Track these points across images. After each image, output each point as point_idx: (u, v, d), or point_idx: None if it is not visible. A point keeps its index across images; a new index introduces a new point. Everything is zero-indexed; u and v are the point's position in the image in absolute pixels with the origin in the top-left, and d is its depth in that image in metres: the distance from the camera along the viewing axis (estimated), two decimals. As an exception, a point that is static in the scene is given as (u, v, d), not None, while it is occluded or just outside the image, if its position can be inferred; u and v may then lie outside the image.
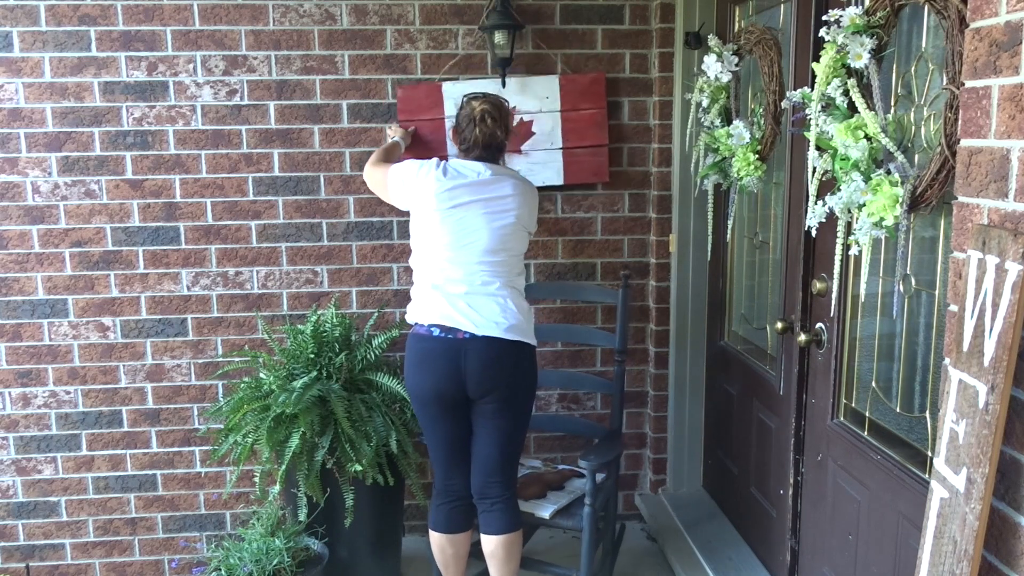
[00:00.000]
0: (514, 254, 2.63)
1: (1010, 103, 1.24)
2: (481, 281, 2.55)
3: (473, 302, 2.54)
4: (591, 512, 2.64)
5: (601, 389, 3.27)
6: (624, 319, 2.97)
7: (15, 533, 3.28)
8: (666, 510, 3.37)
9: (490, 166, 2.59)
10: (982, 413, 1.25)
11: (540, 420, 3.30)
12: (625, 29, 3.20)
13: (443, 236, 2.55)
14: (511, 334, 2.53)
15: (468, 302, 2.54)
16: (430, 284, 2.59)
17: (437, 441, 2.65)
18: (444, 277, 2.57)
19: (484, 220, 2.54)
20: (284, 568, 2.68)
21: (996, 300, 1.24)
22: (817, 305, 2.43)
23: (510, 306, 2.56)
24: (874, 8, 1.83)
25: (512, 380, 2.58)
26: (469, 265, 2.55)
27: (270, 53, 3.08)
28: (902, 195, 1.71)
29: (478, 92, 2.74)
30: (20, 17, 2.97)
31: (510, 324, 2.53)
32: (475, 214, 2.54)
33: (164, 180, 3.12)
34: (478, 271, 2.55)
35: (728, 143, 2.66)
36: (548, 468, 3.08)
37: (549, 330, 3.23)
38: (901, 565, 1.99)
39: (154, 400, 3.24)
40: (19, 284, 3.12)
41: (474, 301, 2.54)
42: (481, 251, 2.54)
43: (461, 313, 2.53)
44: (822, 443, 2.40)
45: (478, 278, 2.55)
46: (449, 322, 2.53)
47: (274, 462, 2.79)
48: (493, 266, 2.56)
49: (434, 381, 2.55)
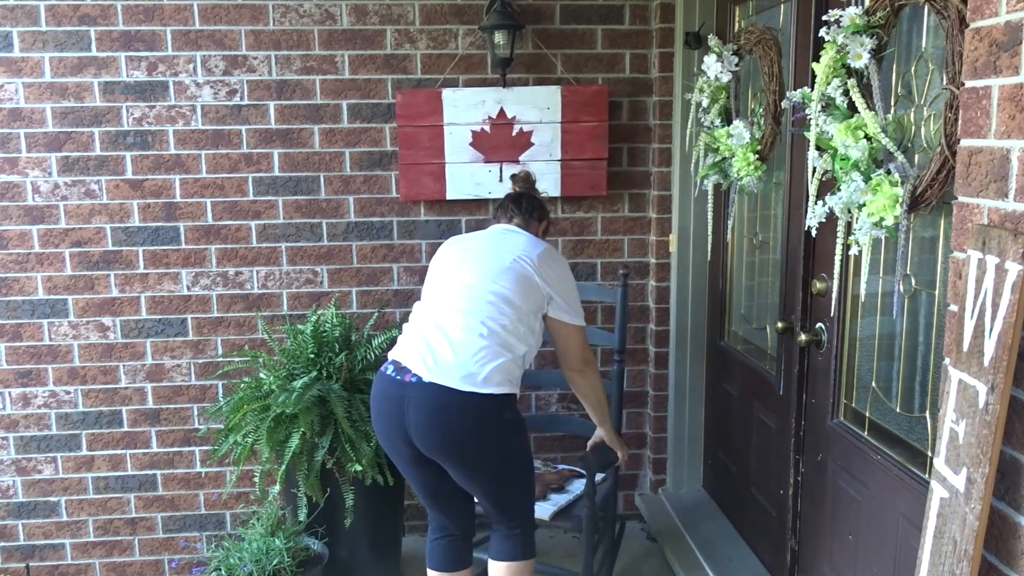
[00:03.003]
0: (523, 311, 2.24)
1: (1010, 103, 1.24)
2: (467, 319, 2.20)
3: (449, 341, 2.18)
4: (590, 513, 2.63)
5: None
6: (623, 318, 2.95)
7: (15, 533, 3.28)
8: (666, 510, 3.37)
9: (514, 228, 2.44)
10: (982, 413, 1.25)
11: (539, 420, 3.30)
12: (625, 29, 3.20)
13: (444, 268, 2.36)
14: (468, 384, 2.12)
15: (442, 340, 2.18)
16: (415, 321, 2.33)
17: (414, 485, 2.39)
18: (429, 314, 2.29)
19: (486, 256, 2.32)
20: (284, 568, 2.68)
21: (996, 300, 1.24)
22: (817, 305, 2.43)
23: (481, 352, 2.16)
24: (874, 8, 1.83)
25: (472, 442, 2.18)
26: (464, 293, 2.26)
27: (270, 53, 3.08)
28: (902, 195, 1.71)
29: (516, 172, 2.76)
30: (20, 17, 2.97)
31: (469, 372, 2.13)
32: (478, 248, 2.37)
33: (164, 180, 3.12)
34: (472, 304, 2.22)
35: (728, 143, 2.66)
36: (548, 469, 3.07)
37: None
38: (901, 565, 1.99)
39: (154, 400, 3.24)
40: (19, 284, 3.12)
41: (451, 340, 2.18)
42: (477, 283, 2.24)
43: (419, 353, 2.19)
44: (822, 443, 2.40)
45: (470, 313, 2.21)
46: (405, 360, 2.21)
47: (274, 462, 2.78)
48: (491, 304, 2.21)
49: (381, 429, 2.27)
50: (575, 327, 2.37)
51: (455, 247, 2.44)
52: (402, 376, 2.19)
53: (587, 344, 2.44)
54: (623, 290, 2.94)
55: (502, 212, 2.51)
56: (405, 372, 2.20)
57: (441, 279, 2.35)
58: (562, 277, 2.34)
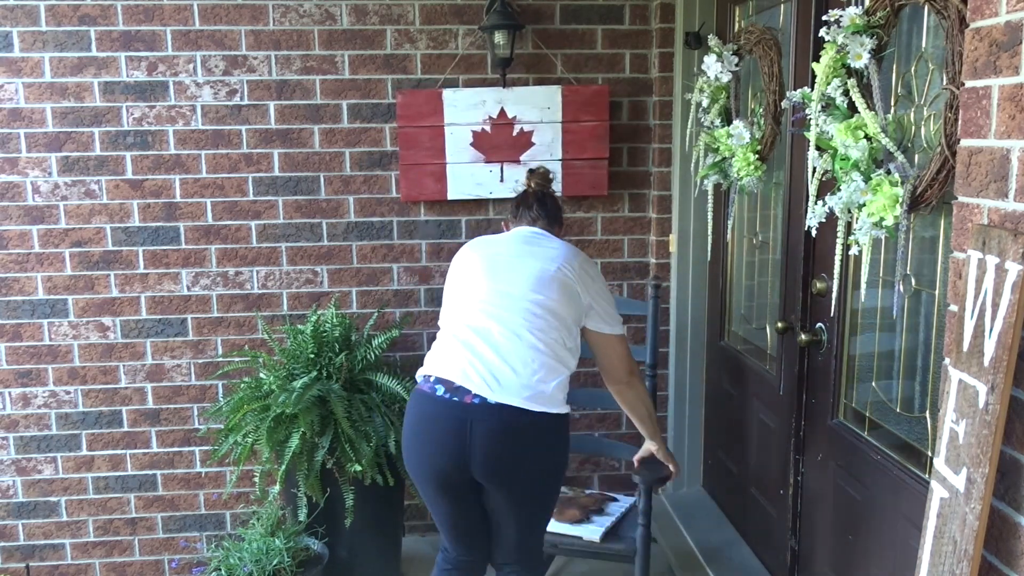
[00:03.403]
0: (567, 322, 2.12)
1: (1010, 103, 1.24)
2: (515, 330, 2.05)
3: (499, 353, 2.04)
4: (645, 533, 2.49)
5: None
6: (655, 332, 2.82)
7: (15, 533, 3.28)
8: (666, 510, 3.37)
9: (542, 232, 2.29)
10: (982, 413, 1.24)
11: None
12: (625, 29, 3.20)
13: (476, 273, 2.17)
14: (537, 403, 2.01)
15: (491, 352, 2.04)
16: (451, 331, 2.15)
17: (439, 518, 2.23)
18: (467, 320, 2.11)
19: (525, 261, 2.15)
20: (284, 568, 2.68)
21: (996, 300, 1.24)
22: (817, 305, 2.43)
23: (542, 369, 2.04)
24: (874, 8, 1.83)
25: (537, 465, 2.09)
26: (505, 302, 2.09)
27: (270, 53, 3.07)
28: (902, 195, 1.71)
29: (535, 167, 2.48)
30: (20, 17, 2.97)
31: (537, 391, 2.02)
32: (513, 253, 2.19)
33: (164, 180, 3.12)
34: (515, 313, 2.07)
35: (728, 143, 2.65)
36: (579, 493, 2.94)
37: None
38: (901, 565, 1.99)
39: (154, 400, 3.24)
40: (19, 284, 3.12)
41: (500, 352, 2.04)
42: (521, 290, 2.09)
43: (475, 370, 2.03)
44: (822, 443, 2.40)
45: (515, 324, 2.06)
46: (459, 378, 2.04)
47: (274, 462, 2.78)
48: (536, 316, 2.07)
49: (428, 455, 2.08)
50: (618, 337, 2.24)
51: (483, 252, 2.22)
52: (460, 397, 2.01)
53: (631, 353, 2.30)
54: (654, 302, 2.82)
55: (524, 212, 2.31)
56: (464, 393, 2.01)
57: (474, 286, 2.14)
58: (600, 286, 2.22)
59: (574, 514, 2.69)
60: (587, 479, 3.49)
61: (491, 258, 2.19)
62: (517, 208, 2.35)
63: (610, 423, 3.46)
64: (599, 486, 3.49)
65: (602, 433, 3.44)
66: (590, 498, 2.87)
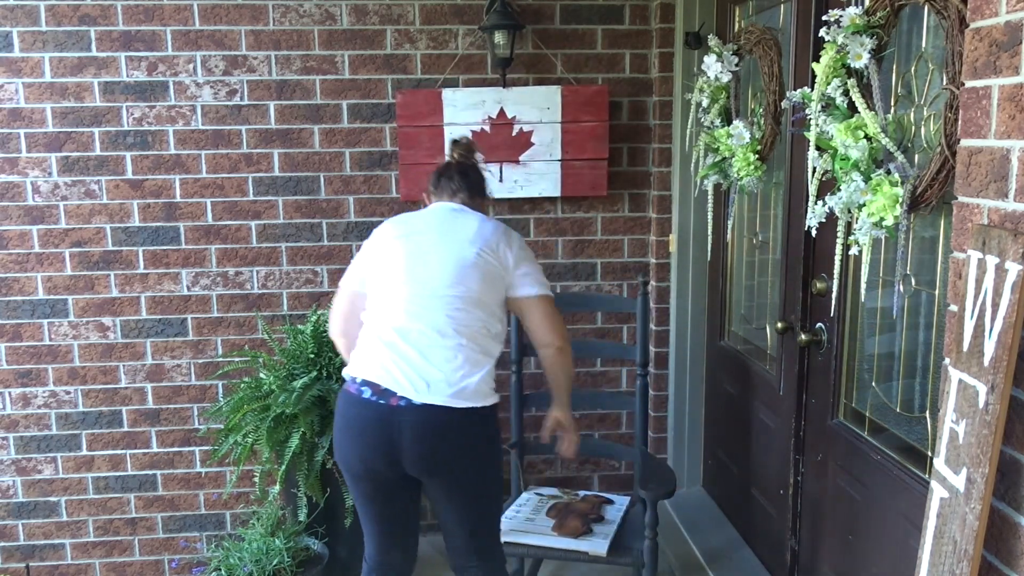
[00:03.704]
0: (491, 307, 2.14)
1: (1010, 103, 1.24)
2: (437, 329, 2.06)
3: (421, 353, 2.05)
4: (652, 545, 2.48)
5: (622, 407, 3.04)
6: (644, 330, 2.81)
7: (15, 533, 3.28)
8: (666, 510, 3.37)
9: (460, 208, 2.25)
10: (982, 413, 1.24)
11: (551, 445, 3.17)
12: (625, 29, 3.20)
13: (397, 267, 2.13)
14: (461, 400, 2.04)
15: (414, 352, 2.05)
16: (375, 333, 2.13)
17: (365, 516, 2.22)
18: (390, 321, 2.10)
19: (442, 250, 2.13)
20: (284, 568, 2.68)
21: (996, 300, 1.24)
22: (817, 305, 2.43)
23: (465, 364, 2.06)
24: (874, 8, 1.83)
25: (468, 460, 2.10)
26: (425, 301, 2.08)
27: (270, 53, 3.08)
28: (902, 195, 1.71)
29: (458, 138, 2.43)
30: (20, 17, 2.97)
31: (460, 388, 2.04)
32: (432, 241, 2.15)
33: (164, 180, 3.12)
34: (436, 311, 2.07)
35: (728, 143, 2.66)
36: (570, 496, 2.89)
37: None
38: (901, 565, 1.99)
39: (154, 400, 3.24)
40: (19, 284, 3.12)
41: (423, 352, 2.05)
42: (440, 285, 2.08)
43: (401, 371, 2.04)
44: (822, 443, 2.40)
45: (437, 323, 2.06)
46: (384, 381, 2.05)
47: (274, 462, 2.79)
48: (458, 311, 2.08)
49: (355, 454, 2.10)
50: (546, 297, 2.20)
51: (404, 239, 2.17)
52: (387, 400, 2.03)
53: (559, 316, 2.23)
54: (643, 300, 2.81)
55: (446, 183, 2.26)
56: (389, 395, 2.03)
57: (395, 283, 2.12)
58: (522, 253, 2.19)
59: (575, 526, 2.62)
60: (587, 479, 3.49)
61: (412, 248, 2.15)
62: (438, 179, 2.29)
63: (610, 423, 3.46)
64: (599, 486, 3.49)
65: (602, 434, 3.44)
66: (586, 503, 2.82)
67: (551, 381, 2.34)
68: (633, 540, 2.58)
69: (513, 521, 2.69)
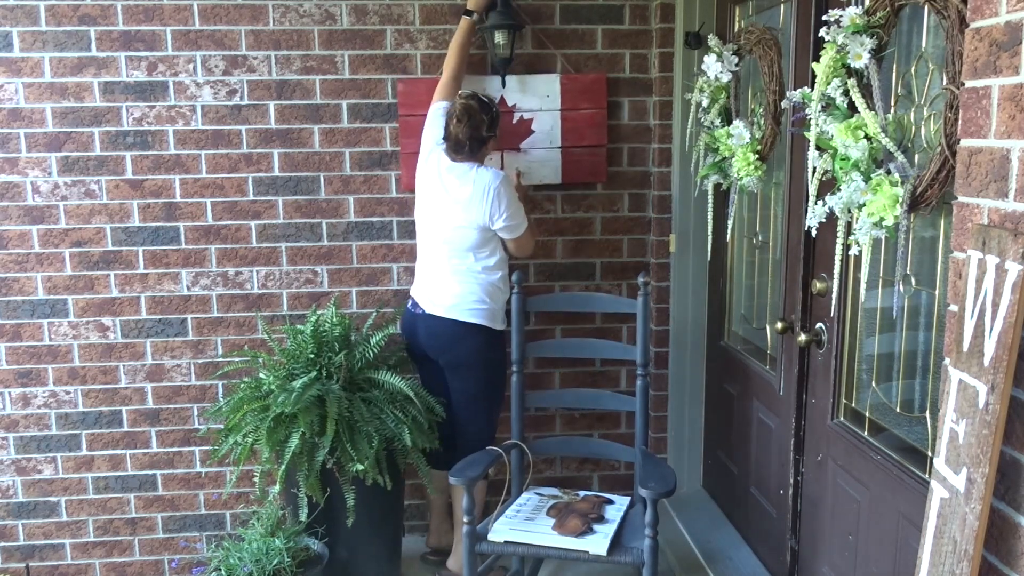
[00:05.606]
0: (472, 245, 2.85)
1: (1010, 103, 1.24)
2: (438, 264, 2.91)
3: (435, 281, 2.92)
4: (652, 544, 2.48)
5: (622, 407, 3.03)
6: (645, 330, 2.84)
7: (15, 533, 3.28)
8: (666, 510, 3.37)
9: (457, 166, 2.84)
10: (982, 413, 1.25)
11: (551, 444, 3.21)
12: (625, 29, 3.20)
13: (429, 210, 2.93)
14: (454, 314, 2.87)
15: (431, 281, 2.93)
16: (419, 261, 3.04)
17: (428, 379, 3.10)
18: (424, 254, 2.99)
19: (442, 210, 2.86)
20: (284, 568, 2.68)
21: (996, 300, 1.24)
22: (817, 305, 2.43)
23: (460, 289, 2.86)
24: (874, 8, 1.83)
25: (456, 352, 2.90)
26: (433, 246, 2.91)
27: (270, 53, 3.07)
28: (902, 195, 1.71)
29: (469, 92, 2.88)
30: (20, 17, 2.97)
31: (451, 305, 2.87)
32: (437, 201, 2.87)
33: (164, 180, 3.12)
34: (439, 253, 2.90)
35: (728, 143, 2.66)
36: (570, 496, 2.91)
37: (556, 345, 3.20)
38: (901, 565, 1.99)
39: (154, 400, 3.24)
40: (19, 284, 3.12)
41: (436, 280, 2.92)
42: (439, 238, 2.88)
43: (423, 291, 2.96)
44: (822, 443, 2.40)
45: (439, 259, 2.90)
46: (417, 298, 2.98)
47: (274, 462, 2.78)
48: (451, 251, 2.87)
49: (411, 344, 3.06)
50: (528, 231, 2.93)
51: (438, 180, 2.88)
52: (415, 309, 2.98)
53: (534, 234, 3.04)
54: (643, 299, 2.84)
55: (452, 149, 2.84)
56: (416, 306, 2.97)
57: (425, 217, 2.94)
58: (510, 203, 2.81)
59: (576, 526, 2.62)
60: (587, 479, 3.49)
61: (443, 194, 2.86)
62: (450, 143, 2.84)
63: (610, 423, 3.46)
64: (599, 486, 3.49)
65: (602, 433, 3.44)
66: (586, 503, 2.82)
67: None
68: (633, 540, 2.58)
69: (513, 520, 2.69)
